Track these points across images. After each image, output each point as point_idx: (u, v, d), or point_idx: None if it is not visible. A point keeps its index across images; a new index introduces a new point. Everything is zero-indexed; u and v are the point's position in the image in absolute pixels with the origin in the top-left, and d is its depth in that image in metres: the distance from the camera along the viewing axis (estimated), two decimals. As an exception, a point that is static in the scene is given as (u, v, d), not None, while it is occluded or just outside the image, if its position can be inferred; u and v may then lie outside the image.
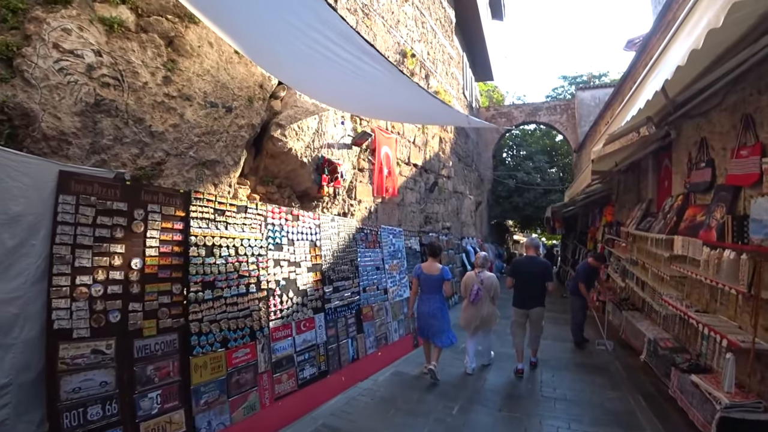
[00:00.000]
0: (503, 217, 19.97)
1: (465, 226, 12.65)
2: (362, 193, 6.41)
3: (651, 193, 6.81)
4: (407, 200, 7.97)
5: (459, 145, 12.78)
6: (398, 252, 7.22)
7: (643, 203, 7.03)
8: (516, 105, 21.69)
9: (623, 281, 7.50)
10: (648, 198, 6.90)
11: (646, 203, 6.85)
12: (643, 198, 7.28)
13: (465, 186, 13.59)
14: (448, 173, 10.73)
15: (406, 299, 7.13)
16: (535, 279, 5.08)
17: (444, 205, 10.26)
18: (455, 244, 10.77)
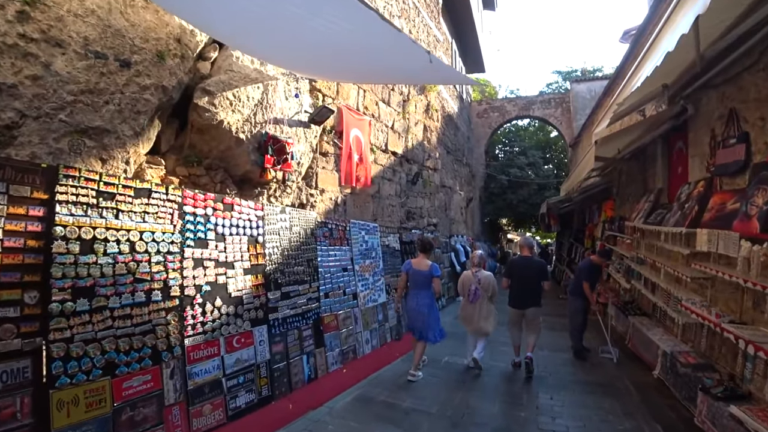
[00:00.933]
0: (496, 215, 19.11)
1: (454, 223, 11.76)
2: (326, 182, 5.49)
3: (661, 181, 5.95)
4: (384, 192, 7.06)
5: (447, 137, 11.91)
6: (372, 251, 6.31)
7: (651, 194, 6.17)
8: (509, 99, 20.90)
9: (628, 282, 6.64)
10: (657, 188, 6.04)
11: (655, 194, 5.99)
12: (650, 188, 6.43)
13: (455, 181, 12.72)
14: (435, 165, 9.84)
15: (381, 304, 6.21)
16: (531, 279, 4.97)
17: (429, 199, 9.37)
18: (443, 243, 9.88)
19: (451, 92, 13.05)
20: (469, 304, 4.90)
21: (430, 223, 9.27)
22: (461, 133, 14.75)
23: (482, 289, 4.83)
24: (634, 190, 7.32)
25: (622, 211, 7.89)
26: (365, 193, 6.46)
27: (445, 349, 5.68)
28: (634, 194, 7.21)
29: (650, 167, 6.48)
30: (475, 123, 20.43)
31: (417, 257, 4.77)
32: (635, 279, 6.24)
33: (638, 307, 6.29)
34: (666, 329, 4.98)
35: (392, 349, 5.92)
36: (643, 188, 6.74)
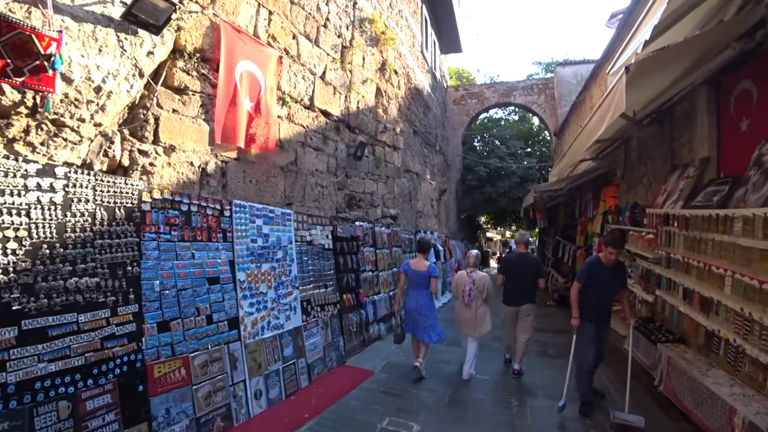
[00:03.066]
0: (474, 210, 17.21)
1: (423, 217, 9.73)
2: (180, 135, 3.34)
3: (705, 148, 4.03)
4: (307, 165, 4.92)
5: (414, 114, 9.88)
6: (277, 249, 4.17)
7: (688, 168, 4.25)
8: (488, 84, 19.06)
9: (649, 292, 4.73)
10: (698, 158, 4.11)
11: (697, 167, 4.06)
12: (683, 161, 4.51)
13: (424, 167, 10.69)
14: (394, 142, 7.77)
15: (292, 331, 4.11)
16: (526, 275, 4.86)
17: (386, 184, 7.28)
18: (405, 240, 7.81)
19: (420, 63, 11.02)
20: (464, 306, 4.66)
21: (386, 215, 7.19)
22: (433, 115, 12.75)
23: (477, 290, 4.62)
24: (651, 168, 5.40)
25: (633, 198, 5.99)
26: (268, 163, 4.31)
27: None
28: (654, 173, 5.30)
29: (683, 132, 4.56)
30: (451, 110, 18.53)
31: (415, 257, 4.72)
32: (663, 289, 4.31)
33: (667, 329, 4.35)
34: (735, 374, 3.02)
35: (303, 401, 3.80)
36: (670, 163, 4.82)
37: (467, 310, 4.65)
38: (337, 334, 4.92)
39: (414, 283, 4.55)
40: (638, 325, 4.89)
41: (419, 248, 4.78)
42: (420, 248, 4.76)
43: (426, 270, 4.52)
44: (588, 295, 4.06)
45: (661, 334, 4.29)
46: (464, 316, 4.70)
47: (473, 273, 4.72)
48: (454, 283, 4.88)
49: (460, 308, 4.73)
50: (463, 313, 4.71)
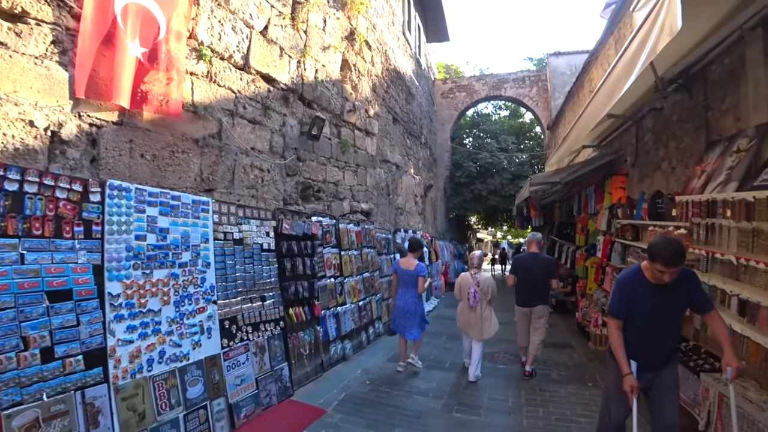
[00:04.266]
0: (463, 209, 16.16)
1: (404, 214, 8.64)
2: (9, 79, 2.21)
3: (764, 111, 2.99)
4: (236, 141, 3.79)
5: (394, 99, 8.81)
6: (185, 251, 3.05)
7: (738, 140, 3.21)
8: (478, 77, 18.07)
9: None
10: (754, 124, 3.08)
11: (753, 136, 3.03)
12: (723, 132, 3.49)
13: (406, 159, 9.62)
14: (366, 125, 6.67)
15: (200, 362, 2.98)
16: (539, 276, 4.66)
17: (355, 174, 6.18)
18: (381, 240, 6.72)
19: (401, 45, 9.97)
20: (468, 309, 4.54)
21: (356, 209, 6.08)
22: (418, 105, 11.70)
23: (481, 292, 4.49)
24: (675, 149, 4.39)
25: (648, 187, 4.98)
26: (174, 133, 3.19)
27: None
28: (680, 154, 4.28)
29: (724, 97, 3.55)
30: (439, 104, 17.54)
31: (405, 256, 4.75)
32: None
33: (711, 353, 3.33)
34: None
35: None
36: (705, 139, 3.78)
37: (472, 313, 4.52)
38: (279, 361, 3.80)
39: (403, 282, 4.60)
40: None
41: (410, 247, 4.79)
42: (411, 247, 4.78)
43: (414, 269, 4.55)
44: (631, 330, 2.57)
45: (704, 360, 3.25)
46: (468, 318, 4.56)
47: (477, 274, 4.60)
48: (457, 285, 4.73)
49: (464, 311, 4.59)
50: (467, 316, 4.57)
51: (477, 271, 4.64)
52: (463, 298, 4.59)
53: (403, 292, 4.60)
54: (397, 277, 4.65)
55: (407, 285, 4.57)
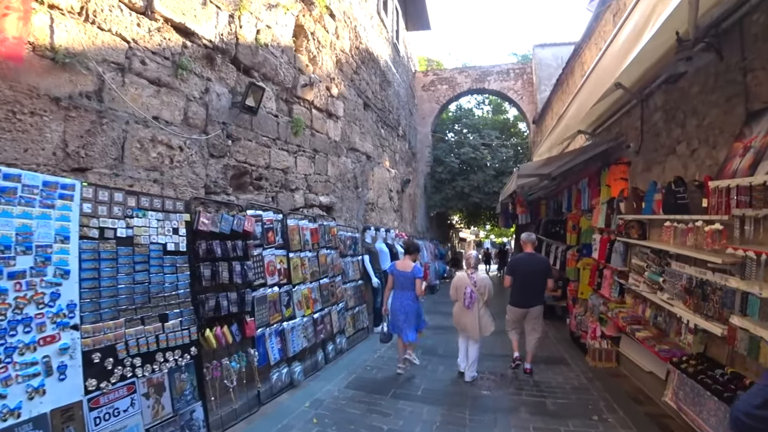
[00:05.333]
0: (445, 206, 15.31)
1: (376, 210, 7.71)
2: None
3: None
4: (129, 104, 2.77)
5: (366, 82, 7.87)
6: (23, 253, 2.04)
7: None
8: (460, 69, 17.28)
9: (713, 318, 2.87)
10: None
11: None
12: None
13: (380, 151, 8.70)
14: (328, 106, 5.71)
15: (42, 417, 1.93)
16: (535, 276, 4.61)
17: (313, 161, 5.20)
18: (347, 240, 5.77)
19: (376, 25, 9.04)
20: (464, 310, 4.42)
21: (313, 203, 5.10)
22: (395, 93, 10.79)
23: (478, 292, 4.39)
24: (697, 126, 3.57)
25: (659, 176, 4.16)
26: (18, 86, 2.19)
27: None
28: (705, 132, 3.46)
29: None
30: (419, 97, 16.71)
31: (402, 259, 4.74)
32: (752, 315, 2.46)
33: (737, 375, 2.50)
34: None
35: None
36: (744, 108, 2.96)
37: (468, 313, 4.43)
38: (189, 400, 2.82)
39: (399, 284, 4.54)
40: (691, 369, 3.03)
41: (407, 250, 4.79)
42: (407, 250, 4.77)
43: (411, 271, 4.51)
44: None
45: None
46: (465, 319, 4.46)
47: (474, 274, 4.54)
48: (453, 286, 4.63)
49: (461, 311, 4.50)
50: (463, 316, 4.48)
51: (473, 272, 4.58)
52: (459, 299, 4.46)
53: (399, 294, 4.53)
54: (393, 278, 4.58)
55: (404, 287, 4.51)
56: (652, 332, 3.84)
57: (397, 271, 4.55)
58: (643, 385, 4.06)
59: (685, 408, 2.98)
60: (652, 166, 4.41)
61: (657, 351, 3.46)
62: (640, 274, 4.30)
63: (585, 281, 6.57)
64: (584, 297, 6.61)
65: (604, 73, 3.31)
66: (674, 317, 3.71)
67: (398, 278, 4.54)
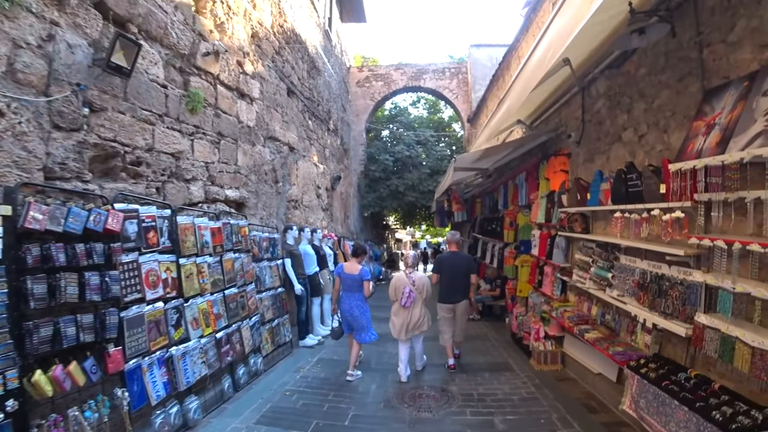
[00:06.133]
0: (379, 206, 14.81)
1: (300, 208, 6.90)
2: None
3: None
4: None
5: (290, 65, 7.06)
6: None
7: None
8: (396, 66, 16.93)
9: (675, 317, 2.53)
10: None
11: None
12: (731, 71, 2.39)
13: (307, 144, 7.92)
14: (239, 84, 4.83)
15: None
16: (460, 273, 4.84)
17: (217, 147, 4.29)
18: (262, 241, 4.93)
19: (306, 6, 8.27)
20: (402, 309, 4.44)
21: (216, 197, 4.19)
22: (325, 84, 10.05)
23: (417, 291, 4.43)
24: (644, 111, 3.32)
25: (604, 166, 3.90)
26: None
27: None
28: (655, 116, 3.19)
29: (729, 23, 2.45)
30: (354, 93, 16.11)
31: (349, 261, 4.67)
32: (723, 313, 2.12)
33: (736, 395, 2.16)
34: None
35: None
36: (699, 86, 2.68)
37: (406, 312, 4.43)
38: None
39: (347, 286, 4.52)
40: (652, 374, 2.69)
41: (354, 252, 4.77)
42: (354, 252, 4.75)
43: (358, 273, 4.50)
44: None
45: (730, 408, 2.08)
46: (403, 318, 4.44)
47: (413, 274, 4.57)
48: (392, 286, 4.63)
49: (399, 311, 4.50)
50: (401, 316, 4.47)
51: (412, 271, 4.59)
52: (398, 298, 4.44)
53: (347, 296, 4.50)
54: (341, 281, 4.54)
55: (351, 289, 4.49)
56: (602, 333, 3.53)
57: (345, 274, 4.49)
58: (593, 389, 3.76)
59: (648, 418, 2.63)
60: (595, 155, 4.17)
61: (611, 354, 3.12)
62: (585, 270, 4.01)
63: (524, 279, 6.36)
64: (523, 295, 6.39)
65: (551, 47, 2.90)
66: (624, 315, 3.44)
67: (345, 281, 4.48)
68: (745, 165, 2.07)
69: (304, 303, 5.44)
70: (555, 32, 2.90)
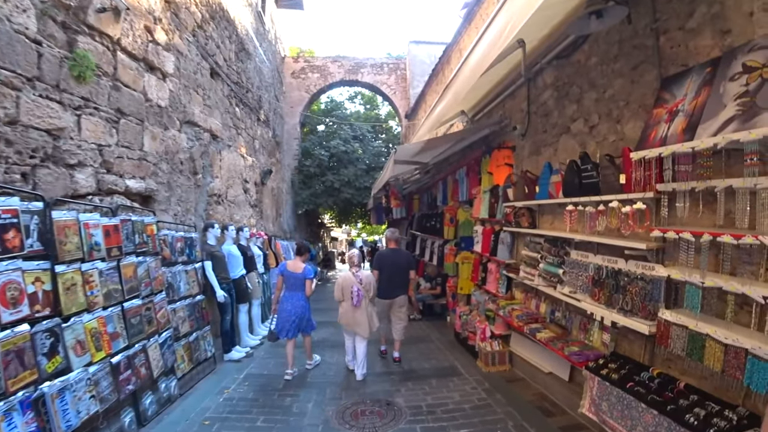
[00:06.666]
0: (314, 203, 14.12)
1: (224, 204, 6.14)
2: None
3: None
4: None
5: (214, 43, 6.27)
6: None
7: (733, 60, 1.98)
8: (334, 58, 16.26)
9: (631, 314, 2.41)
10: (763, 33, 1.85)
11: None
12: (691, 59, 2.30)
13: (234, 133, 7.14)
14: (146, 54, 4.03)
15: None
16: (399, 269, 4.96)
17: (113, 127, 3.47)
18: (176, 242, 4.19)
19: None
20: (351, 308, 4.41)
21: (113, 188, 3.38)
22: (256, 70, 9.23)
23: (364, 290, 4.43)
24: (595, 102, 3.21)
25: (552, 156, 3.80)
26: None
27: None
28: (605, 106, 3.08)
29: (692, 11, 2.39)
30: (288, 84, 15.24)
31: (293, 259, 4.63)
32: (691, 308, 1.98)
33: (714, 398, 2.04)
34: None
35: None
36: (656, 73, 2.58)
37: (356, 311, 4.38)
38: None
39: (290, 285, 4.44)
40: (614, 375, 2.55)
41: (297, 251, 4.68)
42: (298, 251, 4.66)
43: (302, 272, 4.45)
44: None
45: (702, 409, 1.95)
46: (353, 317, 4.39)
47: (359, 273, 4.55)
48: (339, 286, 4.57)
49: (348, 310, 4.43)
50: (351, 315, 4.40)
51: (358, 270, 4.59)
52: (346, 298, 4.42)
53: (290, 295, 4.45)
54: (284, 279, 4.48)
55: (294, 288, 4.45)
56: (554, 331, 3.38)
57: (288, 272, 4.45)
58: (545, 389, 3.62)
59: (611, 422, 2.48)
60: (542, 148, 4.06)
61: (567, 355, 2.96)
62: (533, 266, 3.88)
63: (465, 276, 6.22)
64: (465, 293, 6.26)
65: (508, 24, 2.65)
66: (575, 312, 3.33)
67: (288, 279, 4.44)
68: (719, 151, 1.93)
69: (229, 311, 4.77)
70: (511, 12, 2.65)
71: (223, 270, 4.85)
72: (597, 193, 2.84)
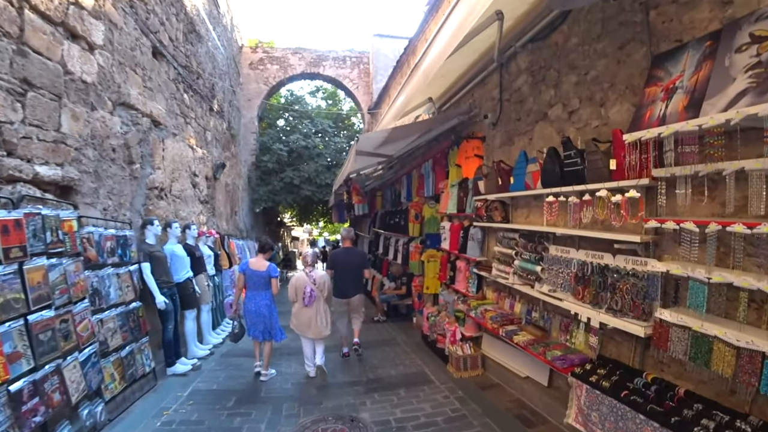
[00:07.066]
0: (272, 200, 13.41)
1: (167, 198, 5.48)
2: None
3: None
4: None
5: (158, 19, 5.61)
6: None
7: (742, 29, 1.77)
8: (294, 50, 15.59)
9: (622, 314, 2.16)
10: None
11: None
12: (687, 34, 2.07)
13: (181, 122, 6.48)
14: (68, 19, 3.43)
15: None
16: (353, 268, 5.00)
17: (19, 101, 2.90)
18: (107, 241, 3.59)
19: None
20: (304, 308, 4.30)
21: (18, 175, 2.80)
22: (209, 56, 8.52)
23: (318, 290, 4.32)
24: (575, 85, 2.99)
25: (527, 145, 3.56)
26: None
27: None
28: (587, 89, 2.87)
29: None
30: (246, 75, 14.47)
31: (255, 257, 4.43)
32: (695, 308, 1.75)
33: (722, 407, 1.80)
34: None
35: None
36: (648, 52, 2.36)
37: (308, 311, 4.25)
38: None
39: (253, 284, 4.26)
40: (605, 383, 2.31)
41: (261, 248, 4.51)
42: (261, 248, 4.49)
43: (266, 270, 4.27)
44: None
45: (711, 420, 1.73)
46: (307, 318, 4.25)
47: (313, 272, 4.41)
48: (292, 285, 4.38)
49: (300, 311, 4.30)
50: (304, 315, 4.27)
51: (312, 269, 4.47)
52: (299, 299, 4.30)
53: (253, 295, 4.25)
54: (245, 278, 4.29)
55: (257, 287, 4.26)
56: (532, 334, 3.14)
57: (250, 270, 4.26)
58: (522, 395, 3.37)
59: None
60: (515, 137, 3.82)
61: (550, 361, 2.71)
62: (507, 264, 3.63)
63: (431, 275, 5.94)
64: (431, 292, 5.98)
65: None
66: (554, 312, 3.10)
67: (251, 278, 4.25)
68: (729, 130, 1.71)
69: (172, 319, 4.20)
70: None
71: (165, 273, 4.27)
72: (582, 181, 2.61)
